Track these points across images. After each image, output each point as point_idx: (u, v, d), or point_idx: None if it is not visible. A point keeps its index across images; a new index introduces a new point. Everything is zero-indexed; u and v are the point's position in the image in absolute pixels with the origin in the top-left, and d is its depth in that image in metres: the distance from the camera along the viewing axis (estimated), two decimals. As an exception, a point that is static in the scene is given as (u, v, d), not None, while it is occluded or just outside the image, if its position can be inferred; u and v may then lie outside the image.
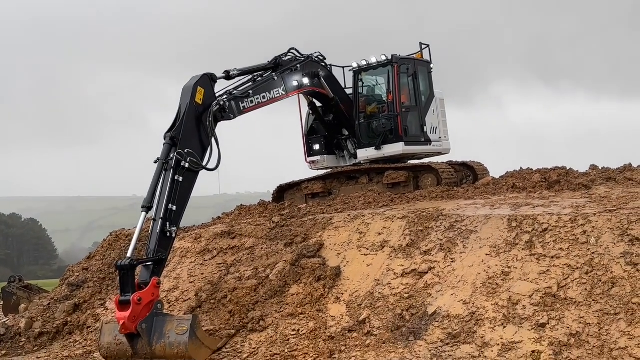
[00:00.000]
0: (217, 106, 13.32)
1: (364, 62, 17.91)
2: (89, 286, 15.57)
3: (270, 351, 11.42)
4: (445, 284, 11.37)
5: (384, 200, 15.53)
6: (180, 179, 12.29)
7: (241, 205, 18.96)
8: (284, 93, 15.77)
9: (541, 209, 12.25)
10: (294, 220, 15.04)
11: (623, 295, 9.72)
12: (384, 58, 17.59)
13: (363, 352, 10.68)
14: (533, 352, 9.47)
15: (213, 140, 13.01)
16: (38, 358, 13.48)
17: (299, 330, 11.71)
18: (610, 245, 10.57)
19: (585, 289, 10.07)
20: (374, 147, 17.58)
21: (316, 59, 17.15)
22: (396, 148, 17.36)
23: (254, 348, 11.71)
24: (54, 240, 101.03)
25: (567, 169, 15.77)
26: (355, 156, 18.17)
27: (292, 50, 16.56)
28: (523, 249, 11.26)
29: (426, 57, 18.44)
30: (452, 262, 11.75)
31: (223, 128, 13.75)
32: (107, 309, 14.73)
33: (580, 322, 9.62)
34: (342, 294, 12.24)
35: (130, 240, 16.31)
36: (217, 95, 13.69)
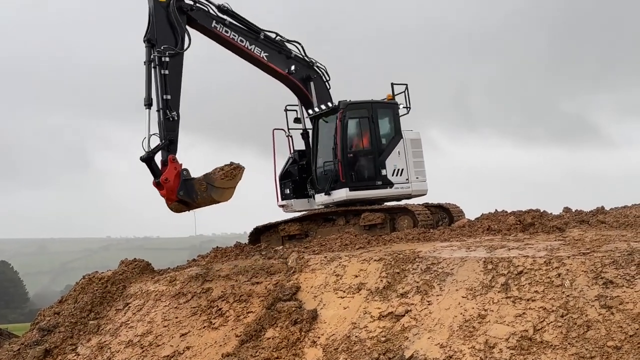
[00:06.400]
0: None
1: (321, 108, 18.06)
2: (61, 331, 15.23)
3: (246, 397, 11.21)
4: (422, 327, 11.32)
5: (361, 242, 15.52)
6: (166, 72, 14.53)
7: (217, 247, 18.84)
8: (265, 58, 16.97)
9: (516, 251, 12.33)
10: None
11: (598, 339, 9.75)
12: (336, 103, 17.81)
13: (340, 398, 10.54)
14: (510, 396, 9.43)
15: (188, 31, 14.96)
16: (6, 406, 13.09)
17: (274, 375, 11.54)
18: (585, 288, 10.63)
19: (561, 332, 10.09)
20: (324, 193, 17.76)
21: (322, 70, 18.15)
22: (340, 194, 17.47)
23: (229, 394, 11.50)
24: (25, 283, 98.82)
25: (542, 211, 15.95)
26: None
27: (295, 43, 17.58)
28: (499, 292, 11.29)
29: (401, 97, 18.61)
30: (429, 304, 11.73)
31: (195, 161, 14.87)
32: (79, 355, 14.40)
33: (557, 366, 9.61)
34: (319, 337, 12.12)
35: (102, 282, 16.10)
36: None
